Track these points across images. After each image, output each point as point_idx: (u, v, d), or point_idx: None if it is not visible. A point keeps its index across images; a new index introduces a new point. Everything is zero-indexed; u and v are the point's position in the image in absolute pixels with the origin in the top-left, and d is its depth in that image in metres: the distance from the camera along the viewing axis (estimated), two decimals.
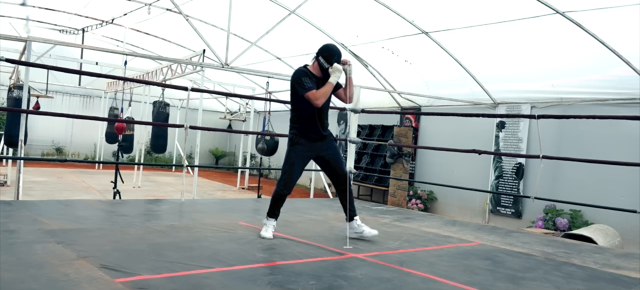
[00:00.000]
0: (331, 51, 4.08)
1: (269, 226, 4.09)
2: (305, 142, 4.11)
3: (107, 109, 14.51)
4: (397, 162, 9.99)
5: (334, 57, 4.05)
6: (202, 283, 2.68)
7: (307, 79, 4.00)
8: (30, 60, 6.58)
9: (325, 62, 4.04)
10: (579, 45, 7.28)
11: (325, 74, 4.07)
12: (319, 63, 4.08)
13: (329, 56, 4.05)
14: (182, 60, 9.60)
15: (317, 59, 4.09)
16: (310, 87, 3.97)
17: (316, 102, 3.96)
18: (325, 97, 4.00)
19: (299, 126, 4.11)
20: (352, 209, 4.22)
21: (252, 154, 15.31)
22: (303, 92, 3.97)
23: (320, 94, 3.96)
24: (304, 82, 3.98)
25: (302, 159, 4.17)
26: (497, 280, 3.23)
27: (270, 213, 4.13)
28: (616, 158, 5.91)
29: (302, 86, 3.97)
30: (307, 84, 3.97)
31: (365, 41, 9.82)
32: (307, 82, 3.98)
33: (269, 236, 4.02)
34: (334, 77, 4.01)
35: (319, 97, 3.96)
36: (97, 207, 5.20)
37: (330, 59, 4.04)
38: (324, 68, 4.06)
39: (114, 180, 8.03)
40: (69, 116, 6.00)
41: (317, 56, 4.09)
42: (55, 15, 11.60)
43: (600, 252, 4.52)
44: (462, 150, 6.69)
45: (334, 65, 4.03)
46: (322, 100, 3.98)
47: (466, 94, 9.64)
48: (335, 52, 4.08)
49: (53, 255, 2.96)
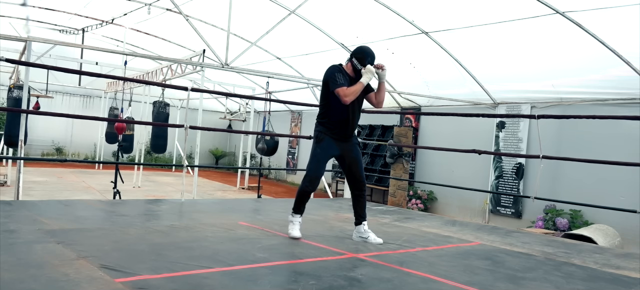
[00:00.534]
0: (365, 53, 4.08)
1: (296, 223, 4.10)
2: (332, 139, 4.11)
3: (107, 109, 14.50)
4: (397, 162, 9.98)
5: (367, 58, 4.06)
6: (202, 283, 2.68)
7: (340, 75, 4.02)
8: (30, 60, 6.58)
9: (358, 63, 4.06)
10: (579, 45, 7.28)
11: (358, 75, 4.07)
12: (352, 64, 4.09)
13: (362, 58, 4.06)
14: (182, 60, 9.60)
15: (351, 60, 4.10)
16: (341, 83, 3.98)
17: (345, 99, 3.95)
18: (355, 95, 3.99)
19: (326, 123, 4.12)
20: (362, 214, 4.23)
21: (252, 154, 15.32)
22: (334, 87, 3.97)
23: (350, 92, 3.96)
24: (336, 77, 3.99)
25: (328, 155, 4.18)
26: (497, 280, 3.23)
27: (295, 209, 4.15)
28: (616, 158, 5.91)
29: (334, 81, 3.98)
30: (339, 80, 3.98)
31: (365, 41, 9.81)
32: (340, 78, 4.00)
33: (297, 235, 4.02)
34: (366, 78, 4.01)
35: (348, 95, 3.95)
36: (97, 207, 5.20)
37: (364, 60, 4.06)
38: (357, 69, 4.07)
39: (114, 180, 8.03)
40: (69, 116, 6.00)
41: (351, 57, 4.10)
42: (55, 15, 11.60)
43: (600, 252, 4.52)
44: (462, 150, 6.69)
45: (367, 66, 4.03)
46: (351, 98, 3.97)
47: (466, 94, 9.64)
48: (368, 54, 4.08)
49: (53, 255, 2.95)
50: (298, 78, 10.07)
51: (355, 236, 4.22)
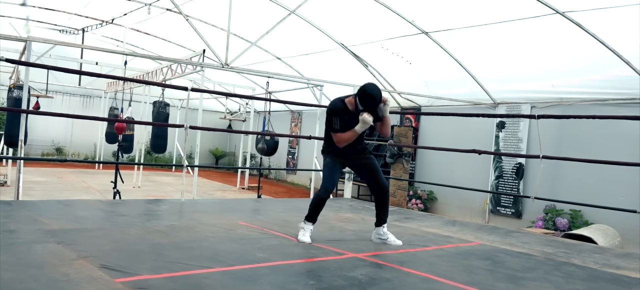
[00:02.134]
0: (366, 94, 4.04)
1: (307, 230, 4.11)
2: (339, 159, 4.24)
3: (107, 109, 14.50)
4: (397, 162, 9.99)
5: (369, 102, 4.03)
6: (202, 283, 2.68)
7: (337, 119, 4.11)
8: (30, 60, 6.58)
9: (359, 104, 4.07)
10: (579, 45, 7.28)
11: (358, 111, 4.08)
12: (355, 100, 4.10)
13: (363, 99, 4.04)
14: (182, 60, 9.60)
15: (356, 96, 4.11)
16: (337, 129, 4.10)
17: (338, 145, 4.11)
18: (349, 141, 4.10)
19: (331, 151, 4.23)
20: (383, 217, 4.26)
21: (252, 154, 15.31)
22: (330, 130, 4.14)
23: (344, 139, 4.09)
24: (333, 122, 4.12)
25: (339, 169, 4.32)
26: (497, 280, 3.23)
27: (309, 217, 4.17)
28: (616, 158, 5.90)
29: (330, 125, 4.14)
30: (335, 125, 4.10)
31: (365, 41, 9.81)
32: (337, 123, 4.11)
33: (307, 240, 4.01)
34: (360, 126, 4.05)
35: (341, 142, 4.11)
36: (97, 207, 5.20)
37: (364, 102, 4.04)
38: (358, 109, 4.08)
39: (114, 180, 8.03)
40: (69, 116, 6.00)
41: (357, 93, 4.12)
42: (55, 15, 11.60)
43: (600, 252, 4.52)
44: (462, 150, 6.69)
45: (363, 116, 4.01)
46: (343, 144, 4.11)
47: (466, 94, 9.64)
48: (369, 99, 4.04)
49: (53, 255, 2.95)
50: (298, 78, 10.07)
51: (374, 237, 4.27)
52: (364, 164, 4.26)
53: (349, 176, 7.47)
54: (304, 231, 4.09)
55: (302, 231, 4.10)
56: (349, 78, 8.69)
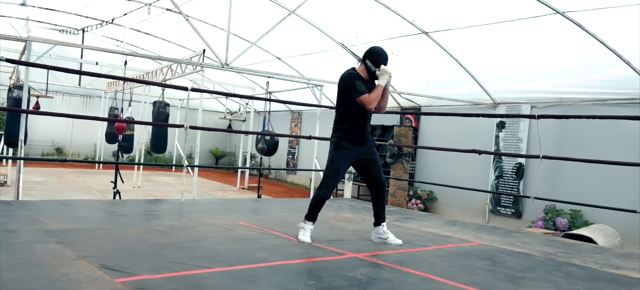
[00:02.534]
0: (378, 54, 4.02)
1: (307, 230, 4.05)
2: (350, 146, 4.07)
3: (107, 109, 14.50)
4: (397, 162, 9.99)
5: (381, 59, 4.01)
6: (202, 283, 2.68)
7: (360, 82, 3.95)
8: (30, 60, 6.58)
9: (372, 65, 4.00)
10: (579, 45, 7.28)
11: (372, 76, 4.03)
12: (366, 66, 4.04)
13: (377, 59, 4.01)
14: (182, 60, 9.60)
15: (364, 62, 4.05)
16: (363, 91, 3.92)
17: (369, 106, 3.92)
18: (377, 100, 3.95)
19: (345, 129, 4.07)
20: (382, 215, 4.22)
21: (252, 154, 15.31)
22: (356, 96, 3.92)
23: (373, 98, 3.92)
24: (357, 85, 3.93)
25: (347, 163, 4.15)
26: (497, 280, 3.23)
27: (309, 216, 4.09)
28: (616, 158, 5.90)
29: (355, 90, 3.92)
30: (360, 88, 3.92)
31: (365, 41, 9.81)
32: (361, 86, 3.93)
33: (307, 240, 3.96)
34: (383, 80, 3.96)
35: (372, 102, 3.92)
36: (97, 207, 5.20)
37: (379, 61, 4.00)
38: (371, 71, 4.02)
39: (114, 180, 8.03)
40: (69, 116, 6.00)
41: (364, 59, 4.05)
42: (55, 15, 11.60)
43: (600, 252, 4.52)
44: (462, 150, 6.69)
45: (382, 67, 3.97)
46: (375, 104, 3.94)
47: (466, 94, 9.64)
48: (382, 55, 4.02)
49: (53, 255, 2.95)
50: (298, 78, 10.07)
51: (374, 237, 4.21)
52: (370, 156, 4.15)
53: (349, 176, 7.46)
54: (304, 231, 4.04)
55: (303, 231, 4.05)
56: None
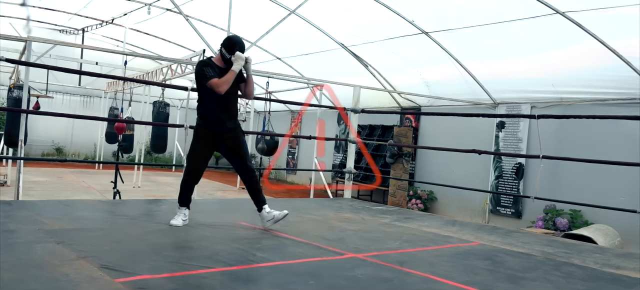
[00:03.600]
0: (233, 41, 4.17)
1: (180, 214, 4.18)
2: (209, 132, 4.18)
3: (107, 109, 14.50)
4: (397, 162, 9.98)
5: (236, 46, 4.12)
6: (202, 283, 2.68)
7: (209, 69, 4.07)
8: (30, 60, 6.58)
9: (226, 53, 4.12)
10: (579, 45, 7.28)
11: (228, 64, 4.13)
12: (221, 54, 4.16)
13: (231, 46, 4.12)
14: (182, 60, 9.60)
15: (220, 50, 4.17)
16: (211, 75, 4.03)
17: (218, 89, 4.01)
18: (228, 84, 4.04)
19: (203, 116, 4.18)
20: (260, 199, 4.31)
21: (252, 154, 15.30)
22: (205, 81, 4.03)
23: (222, 82, 4.02)
24: (205, 71, 4.05)
25: (206, 148, 4.24)
26: (497, 280, 3.22)
27: (180, 201, 4.23)
28: (616, 158, 5.91)
29: (203, 76, 4.05)
30: (208, 73, 4.04)
31: (365, 41, 9.82)
32: (209, 72, 4.05)
33: (178, 224, 4.11)
34: (237, 65, 4.07)
35: (221, 85, 4.01)
36: (97, 207, 5.20)
37: (232, 48, 4.11)
38: (226, 58, 4.13)
39: (114, 180, 8.02)
40: (69, 116, 6.00)
41: (220, 48, 4.18)
42: (55, 15, 11.61)
43: (600, 252, 4.52)
44: (462, 150, 6.69)
45: (236, 53, 4.08)
46: (225, 87, 4.03)
47: (466, 94, 9.64)
48: (237, 42, 4.16)
49: (53, 255, 2.95)
50: (298, 78, 10.07)
51: (263, 223, 4.29)
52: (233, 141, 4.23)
53: (349, 176, 7.46)
54: (177, 216, 4.17)
55: (176, 216, 4.18)
56: (349, 78, 8.69)
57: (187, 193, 4.23)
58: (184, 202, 4.23)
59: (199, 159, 4.23)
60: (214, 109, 4.13)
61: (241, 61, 4.08)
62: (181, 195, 4.23)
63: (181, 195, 4.23)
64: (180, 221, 4.14)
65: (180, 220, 4.15)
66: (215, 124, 4.15)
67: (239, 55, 4.08)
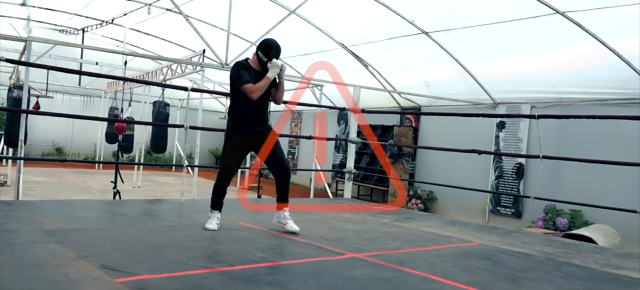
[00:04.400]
0: (270, 45, 4.14)
1: (213, 218, 4.18)
2: (241, 135, 4.18)
3: (107, 109, 14.50)
4: (397, 162, 9.99)
5: (273, 51, 4.11)
6: (202, 283, 2.68)
7: (245, 72, 4.07)
8: (30, 60, 6.57)
9: (263, 56, 4.11)
10: (579, 45, 7.28)
11: (264, 67, 4.12)
12: (257, 57, 4.14)
13: (267, 50, 4.11)
14: (182, 60, 9.60)
15: (256, 53, 4.16)
16: (247, 80, 4.03)
17: (251, 95, 4.02)
18: (261, 91, 4.05)
19: (235, 118, 4.18)
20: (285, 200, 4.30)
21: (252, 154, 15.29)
22: (240, 84, 4.04)
23: (256, 88, 4.03)
24: (241, 75, 4.05)
25: (239, 151, 4.26)
26: (497, 280, 3.22)
27: (212, 205, 4.23)
28: (616, 158, 5.91)
29: (239, 79, 4.05)
30: (244, 77, 4.04)
31: (365, 41, 9.81)
32: (245, 75, 4.05)
33: (213, 228, 4.10)
34: (272, 72, 4.08)
35: (255, 91, 4.02)
36: (97, 207, 5.20)
37: (269, 53, 4.11)
38: (262, 62, 4.12)
39: (114, 180, 8.02)
40: (69, 116, 6.00)
41: (256, 50, 4.17)
42: (55, 15, 11.61)
43: (600, 252, 4.52)
44: (462, 150, 6.69)
45: (273, 60, 4.09)
46: (258, 93, 4.04)
47: (466, 94, 9.64)
48: (273, 47, 4.14)
49: (53, 255, 2.95)
50: (298, 78, 10.07)
51: (274, 220, 4.30)
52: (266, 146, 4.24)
53: (349, 176, 7.46)
54: (210, 220, 4.16)
55: (209, 220, 4.17)
56: (349, 78, 8.69)
57: (220, 196, 4.23)
58: (217, 205, 4.22)
59: (232, 162, 4.24)
60: (245, 111, 4.13)
61: (276, 69, 4.09)
62: (214, 199, 4.22)
63: (214, 199, 4.22)
64: (214, 225, 4.12)
65: (215, 224, 4.13)
66: (246, 126, 4.15)
67: (275, 62, 4.08)
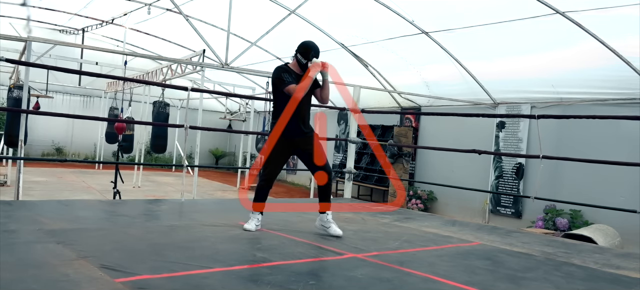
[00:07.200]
0: (309, 47, 4.18)
1: (253, 219, 4.20)
2: (285, 139, 4.18)
3: (107, 109, 14.51)
4: (397, 162, 9.99)
5: (311, 52, 4.15)
6: (202, 283, 2.68)
7: (286, 74, 4.10)
8: (30, 60, 6.58)
9: (302, 58, 4.15)
10: (579, 45, 7.28)
11: (304, 69, 4.15)
12: (297, 60, 4.18)
13: (306, 51, 4.15)
14: (182, 60, 9.60)
15: (296, 55, 4.19)
16: (289, 81, 4.06)
17: (296, 95, 4.05)
18: (304, 90, 4.07)
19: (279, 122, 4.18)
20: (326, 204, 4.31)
21: (252, 154, 15.31)
22: (283, 86, 4.06)
23: (299, 88, 4.05)
24: (283, 77, 4.08)
25: (283, 155, 4.28)
26: (497, 280, 3.22)
27: (254, 207, 4.25)
28: (616, 158, 5.91)
29: (281, 81, 4.08)
30: (286, 79, 4.07)
31: (365, 41, 9.82)
32: (287, 77, 4.08)
33: (251, 228, 4.13)
34: (313, 71, 4.10)
35: (298, 91, 4.05)
36: (97, 207, 5.20)
37: (308, 54, 4.14)
38: (302, 64, 4.15)
39: (114, 180, 8.02)
40: (69, 116, 6.00)
41: (296, 53, 4.20)
42: (55, 15, 11.61)
43: (600, 252, 4.52)
44: (462, 150, 6.69)
45: (313, 60, 4.12)
46: (301, 93, 4.06)
47: (466, 94, 9.64)
48: (312, 48, 4.18)
49: (53, 255, 2.95)
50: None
51: (318, 224, 4.30)
52: (309, 146, 4.25)
53: (349, 176, 7.46)
54: (250, 221, 4.18)
55: (249, 221, 4.19)
56: (349, 78, 8.69)
57: (261, 198, 4.25)
58: (258, 207, 4.24)
59: (275, 165, 4.27)
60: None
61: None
62: (255, 200, 4.25)
63: (255, 200, 4.25)
64: (253, 226, 4.15)
65: (254, 225, 4.15)
66: (290, 129, 4.16)
67: (315, 62, 4.11)
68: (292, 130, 4.16)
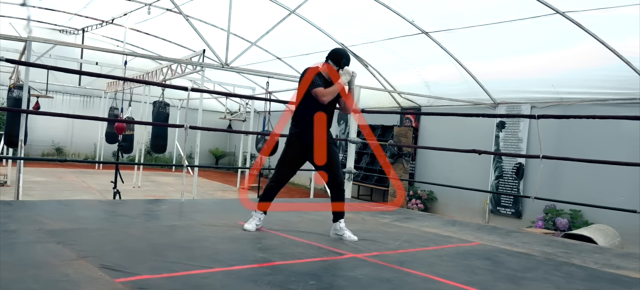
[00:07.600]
0: (341, 55, 4.19)
1: (255, 218, 4.19)
2: (301, 143, 4.16)
3: (107, 109, 14.50)
4: (397, 162, 9.99)
5: (343, 59, 4.16)
6: (202, 283, 2.68)
7: (317, 76, 4.11)
8: (30, 60, 6.58)
9: (334, 65, 4.15)
10: (578, 45, 7.28)
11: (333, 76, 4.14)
12: (328, 66, 4.18)
13: (338, 59, 4.16)
14: (182, 60, 9.60)
15: (327, 61, 4.19)
16: (319, 84, 4.07)
17: (322, 98, 4.04)
18: (332, 95, 4.07)
19: (299, 124, 4.17)
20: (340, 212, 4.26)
21: (252, 154, 15.31)
22: (312, 88, 4.06)
23: (327, 92, 4.05)
24: (314, 79, 4.07)
25: (297, 159, 4.25)
26: (497, 280, 3.22)
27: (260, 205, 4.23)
28: (616, 158, 5.91)
29: (312, 83, 4.07)
30: (316, 81, 4.07)
31: (365, 41, 9.82)
32: (317, 79, 4.08)
33: (251, 228, 4.12)
34: (344, 78, 4.10)
35: (326, 95, 4.04)
36: (97, 207, 5.20)
37: (339, 61, 4.15)
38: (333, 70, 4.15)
39: (114, 180, 8.03)
40: (69, 116, 6.00)
41: (327, 59, 4.20)
42: (55, 15, 11.61)
43: (600, 252, 4.52)
44: (462, 150, 6.68)
45: (345, 68, 4.13)
46: (328, 98, 4.06)
47: (466, 94, 9.64)
48: (343, 55, 4.19)
49: (53, 255, 2.95)
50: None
51: (332, 233, 4.25)
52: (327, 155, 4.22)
53: (349, 176, 7.46)
54: (251, 220, 4.17)
55: (250, 220, 4.17)
56: None
57: (269, 198, 4.24)
58: (263, 206, 4.22)
59: (289, 168, 4.27)
60: (310, 118, 4.12)
61: (348, 76, 4.12)
62: (262, 199, 4.23)
63: (262, 199, 4.23)
64: (253, 226, 4.13)
65: (254, 225, 4.14)
66: (309, 134, 4.13)
67: (346, 69, 4.13)
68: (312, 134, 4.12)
